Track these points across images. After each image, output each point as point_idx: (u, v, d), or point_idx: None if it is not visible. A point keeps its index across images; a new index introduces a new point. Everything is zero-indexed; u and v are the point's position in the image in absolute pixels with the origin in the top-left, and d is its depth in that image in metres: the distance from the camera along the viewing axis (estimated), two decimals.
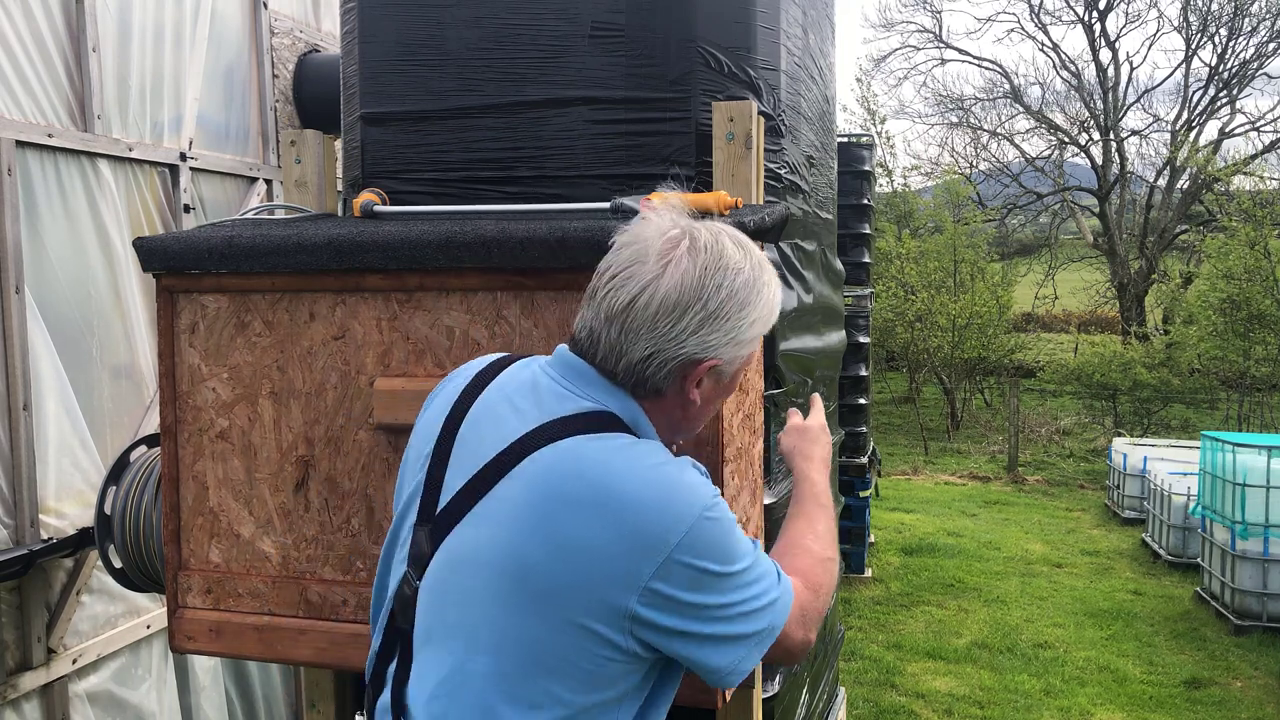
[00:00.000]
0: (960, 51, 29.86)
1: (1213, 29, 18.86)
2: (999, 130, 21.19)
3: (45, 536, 2.82)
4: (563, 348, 1.37)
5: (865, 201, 7.30)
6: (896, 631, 6.27)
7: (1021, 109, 20.83)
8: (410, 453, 1.42)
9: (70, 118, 3.00)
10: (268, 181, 3.86)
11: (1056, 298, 20.45)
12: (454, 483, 1.31)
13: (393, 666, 1.34)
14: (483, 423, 1.32)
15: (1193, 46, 19.22)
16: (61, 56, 2.96)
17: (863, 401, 7.15)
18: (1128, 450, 9.30)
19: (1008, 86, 20.97)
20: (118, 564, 2.45)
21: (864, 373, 7.17)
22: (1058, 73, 24.86)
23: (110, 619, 3.10)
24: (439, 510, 1.31)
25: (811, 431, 1.70)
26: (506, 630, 1.22)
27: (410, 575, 1.32)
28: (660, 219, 1.34)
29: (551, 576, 1.20)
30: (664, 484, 1.22)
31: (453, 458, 1.33)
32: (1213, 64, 18.96)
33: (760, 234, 1.80)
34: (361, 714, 1.41)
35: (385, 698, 1.33)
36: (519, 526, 1.22)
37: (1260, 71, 18.64)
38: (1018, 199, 20.75)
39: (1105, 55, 19.88)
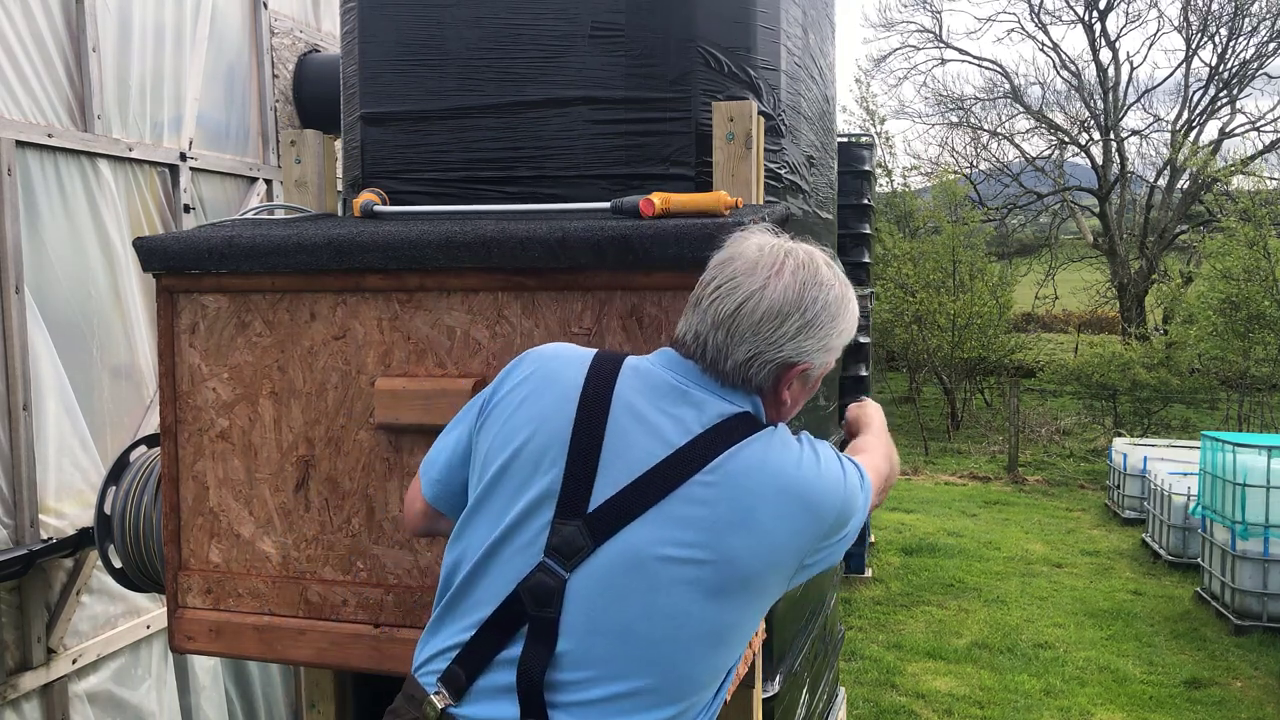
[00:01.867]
0: (960, 51, 29.88)
1: (1213, 29, 18.86)
2: (999, 130, 21.20)
3: (45, 536, 2.82)
4: (669, 351, 1.48)
5: (865, 201, 7.30)
6: (896, 631, 6.27)
7: (1021, 109, 20.83)
8: (526, 447, 1.43)
9: (70, 118, 2.99)
10: (268, 181, 3.86)
11: (1056, 298, 20.45)
12: (613, 480, 1.38)
13: (516, 651, 1.37)
14: (631, 426, 1.41)
15: (1193, 46, 19.22)
16: (61, 56, 2.96)
17: None
18: (1128, 450, 9.29)
19: (1008, 86, 20.97)
20: (118, 564, 2.45)
21: (864, 373, 7.17)
22: (1058, 73, 24.86)
23: (110, 619, 3.10)
24: (594, 507, 1.37)
25: (869, 406, 1.97)
26: (704, 620, 1.36)
27: (551, 566, 1.37)
28: (758, 236, 1.48)
29: (755, 565, 1.37)
30: (830, 473, 1.45)
31: (602, 457, 1.39)
32: (1213, 64, 18.97)
33: None
34: (440, 693, 1.41)
35: (503, 679, 1.37)
36: (721, 525, 1.36)
37: (1260, 71, 18.64)
38: (1018, 199, 20.74)
39: (1105, 55, 19.89)
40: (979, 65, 29.31)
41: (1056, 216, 21.23)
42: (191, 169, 3.45)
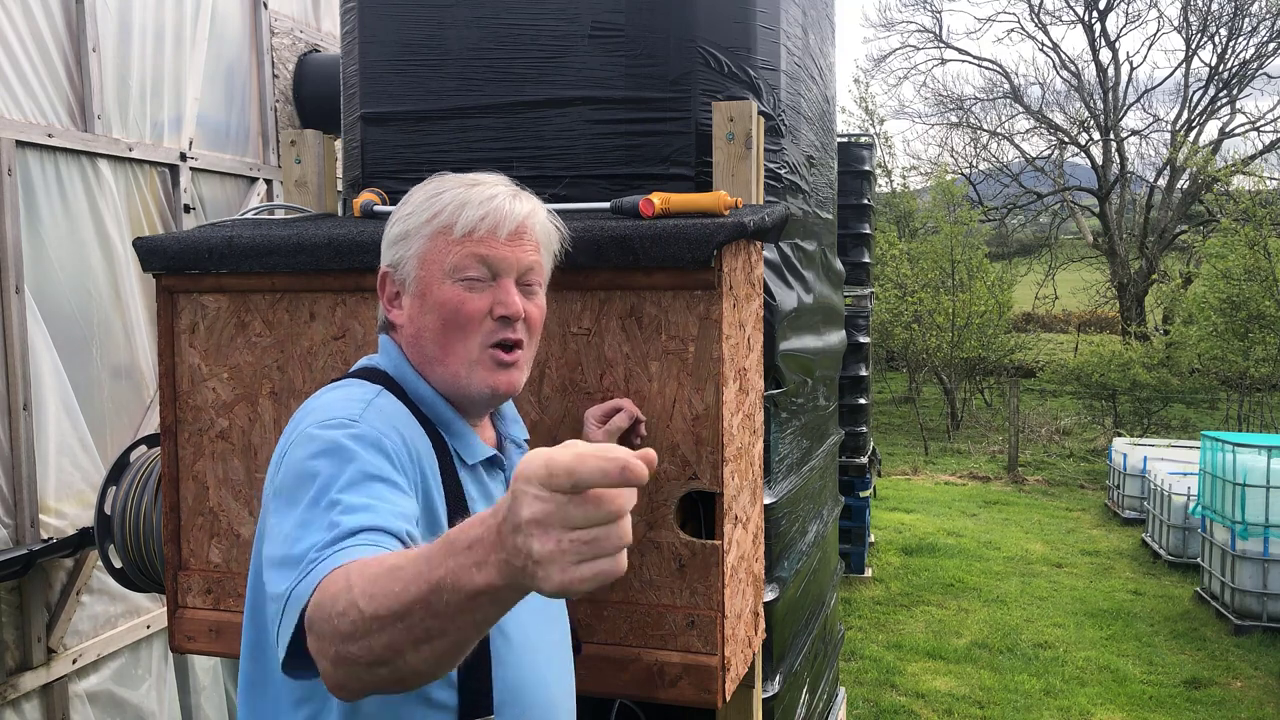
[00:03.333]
0: (960, 51, 29.87)
1: (1213, 29, 18.88)
2: (999, 130, 21.22)
3: (45, 536, 2.82)
4: None
5: (865, 201, 7.30)
6: (896, 631, 6.27)
7: (1021, 109, 20.85)
8: None
9: (70, 118, 3.00)
10: (268, 181, 3.86)
11: (1056, 298, 20.46)
12: None
13: None
14: None
15: (1193, 46, 19.24)
16: (61, 56, 2.96)
17: (863, 401, 7.15)
18: (1128, 450, 9.30)
19: (1008, 86, 20.99)
20: (118, 564, 2.45)
21: (864, 373, 7.17)
22: (1058, 73, 24.88)
23: (110, 619, 3.10)
24: None
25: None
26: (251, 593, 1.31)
27: None
28: None
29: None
30: (322, 401, 1.26)
31: None
32: (1213, 64, 18.98)
33: (760, 234, 1.80)
34: None
35: None
36: None
37: (1260, 71, 18.66)
38: (1018, 199, 20.76)
39: (1105, 55, 19.91)
40: (979, 65, 29.32)
41: (1056, 216, 21.25)
42: (191, 169, 3.45)
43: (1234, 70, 18.71)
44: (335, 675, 0.96)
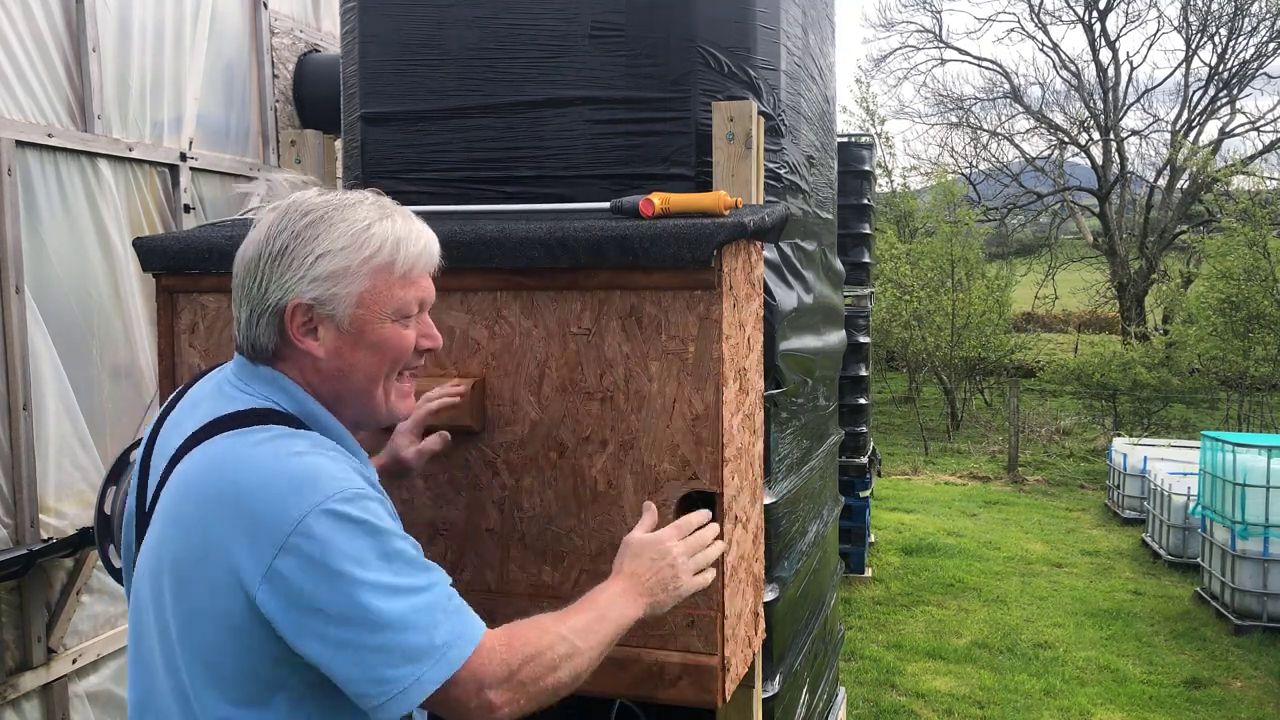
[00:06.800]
0: (960, 51, 29.86)
1: (1213, 29, 18.88)
2: (999, 130, 21.22)
3: (45, 536, 2.82)
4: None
5: (865, 201, 7.30)
6: (896, 631, 6.27)
7: (1021, 109, 20.85)
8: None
9: (70, 118, 3.00)
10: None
11: (1056, 298, 20.46)
12: (149, 496, 1.32)
13: None
14: (170, 433, 1.33)
15: (1193, 46, 19.24)
16: (61, 56, 2.96)
17: (863, 401, 7.15)
18: (1128, 450, 9.30)
19: (1008, 86, 20.99)
20: (118, 564, 2.45)
21: (864, 373, 7.17)
22: (1058, 73, 24.89)
23: (110, 619, 3.10)
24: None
25: (647, 546, 1.49)
26: (164, 641, 1.22)
27: None
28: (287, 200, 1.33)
29: (191, 576, 1.19)
30: (296, 469, 1.18)
31: (150, 470, 1.34)
32: (1213, 64, 18.99)
33: (760, 234, 1.80)
34: None
35: None
36: (163, 533, 1.23)
37: (1260, 71, 18.66)
38: (1018, 199, 20.76)
39: (1105, 55, 19.91)
40: (979, 65, 29.29)
41: (1056, 216, 21.25)
42: (191, 169, 3.45)
43: (1234, 70, 18.72)
44: (524, 706, 1.24)
